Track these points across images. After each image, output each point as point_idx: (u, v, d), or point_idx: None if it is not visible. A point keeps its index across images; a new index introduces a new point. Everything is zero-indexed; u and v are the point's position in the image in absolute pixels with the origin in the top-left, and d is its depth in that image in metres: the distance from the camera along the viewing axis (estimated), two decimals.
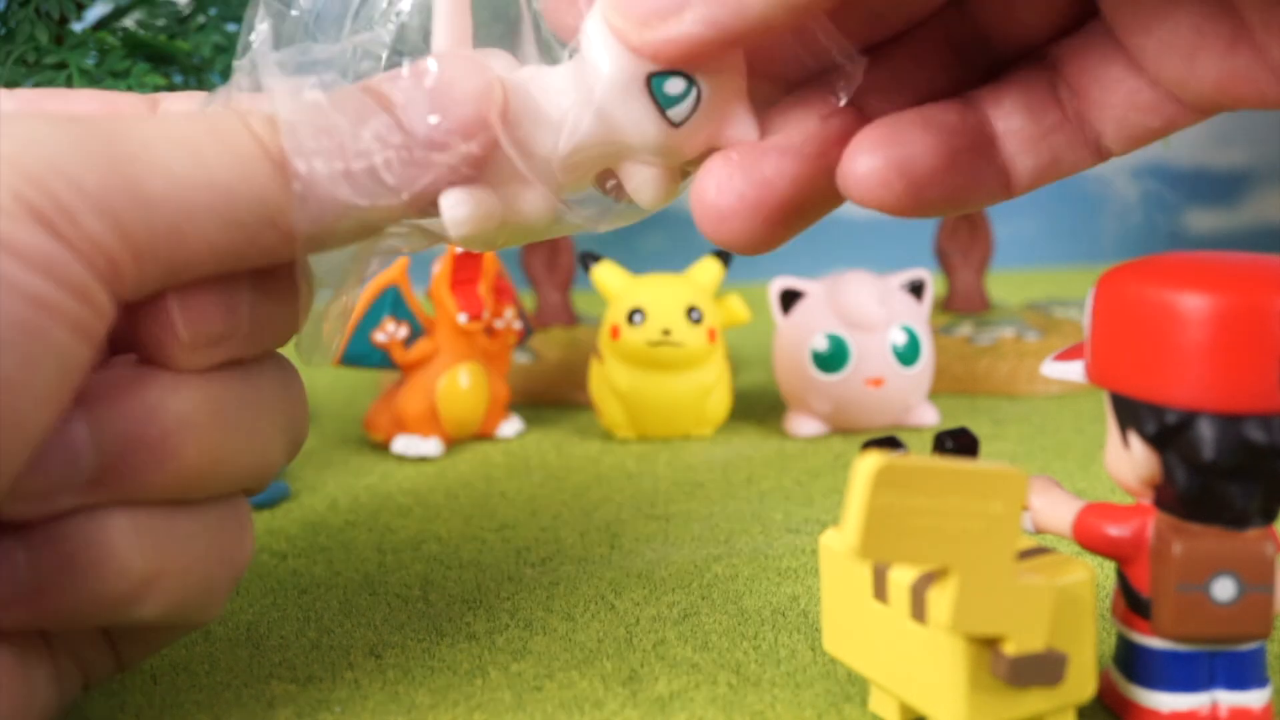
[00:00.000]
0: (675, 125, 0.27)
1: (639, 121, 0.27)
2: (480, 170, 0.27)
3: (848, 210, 0.94)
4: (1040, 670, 0.24)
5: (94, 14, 0.48)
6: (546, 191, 0.28)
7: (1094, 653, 0.26)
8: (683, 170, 0.29)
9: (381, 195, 0.26)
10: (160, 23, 0.48)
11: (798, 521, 0.41)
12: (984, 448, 0.47)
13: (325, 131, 0.25)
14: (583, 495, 0.44)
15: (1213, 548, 0.25)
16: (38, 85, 0.43)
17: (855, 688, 0.29)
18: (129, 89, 0.44)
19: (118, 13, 0.48)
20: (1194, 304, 0.24)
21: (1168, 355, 0.24)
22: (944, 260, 0.62)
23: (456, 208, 0.27)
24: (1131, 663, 0.27)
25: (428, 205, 0.27)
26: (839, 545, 0.27)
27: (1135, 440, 0.25)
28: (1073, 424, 0.50)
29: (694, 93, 0.27)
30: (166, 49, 0.45)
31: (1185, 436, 0.24)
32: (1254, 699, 0.26)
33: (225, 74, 0.47)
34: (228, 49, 0.47)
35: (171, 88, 0.47)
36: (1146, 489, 0.26)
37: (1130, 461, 0.25)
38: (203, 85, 0.48)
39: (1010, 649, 0.24)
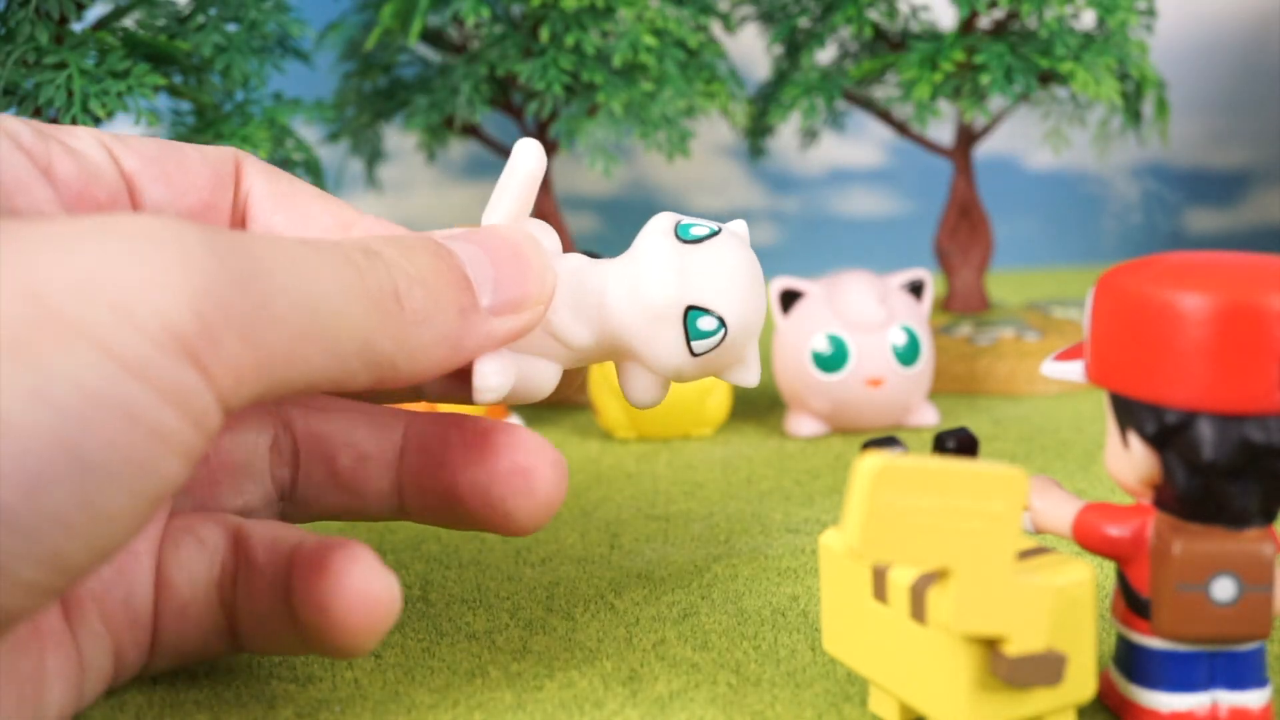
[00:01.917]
0: (694, 356, 0.29)
1: (664, 344, 0.29)
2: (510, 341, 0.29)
3: (848, 210, 0.94)
4: (1040, 670, 0.24)
5: (94, 14, 0.48)
6: (559, 370, 0.30)
7: (1094, 653, 0.26)
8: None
9: (434, 348, 0.28)
10: (160, 23, 0.48)
11: (798, 521, 0.41)
12: (984, 448, 0.47)
13: (413, 279, 0.27)
14: (583, 495, 0.44)
15: (1212, 548, 0.25)
16: (38, 85, 0.43)
17: (855, 688, 0.29)
18: (129, 89, 0.44)
19: (118, 13, 0.48)
20: (1194, 304, 0.24)
21: (1168, 355, 0.24)
22: (944, 260, 0.62)
23: (493, 377, 0.28)
24: (1131, 663, 0.27)
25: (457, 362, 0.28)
26: (839, 545, 0.27)
27: (1135, 440, 0.25)
28: (1073, 424, 0.50)
29: (721, 333, 0.29)
30: (166, 49, 0.45)
31: (1185, 436, 0.24)
32: (1253, 699, 0.26)
33: (225, 74, 0.47)
34: (227, 49, 0.47)
35: (171, 88, 0.47)
36: (1146, 489, 0.26)
37: (1130, 461, 0.25)
38: (202, 85, 0.48)
39: (1010, 649, 0.24)
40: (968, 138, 0.61)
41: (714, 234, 0.30)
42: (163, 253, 0.23)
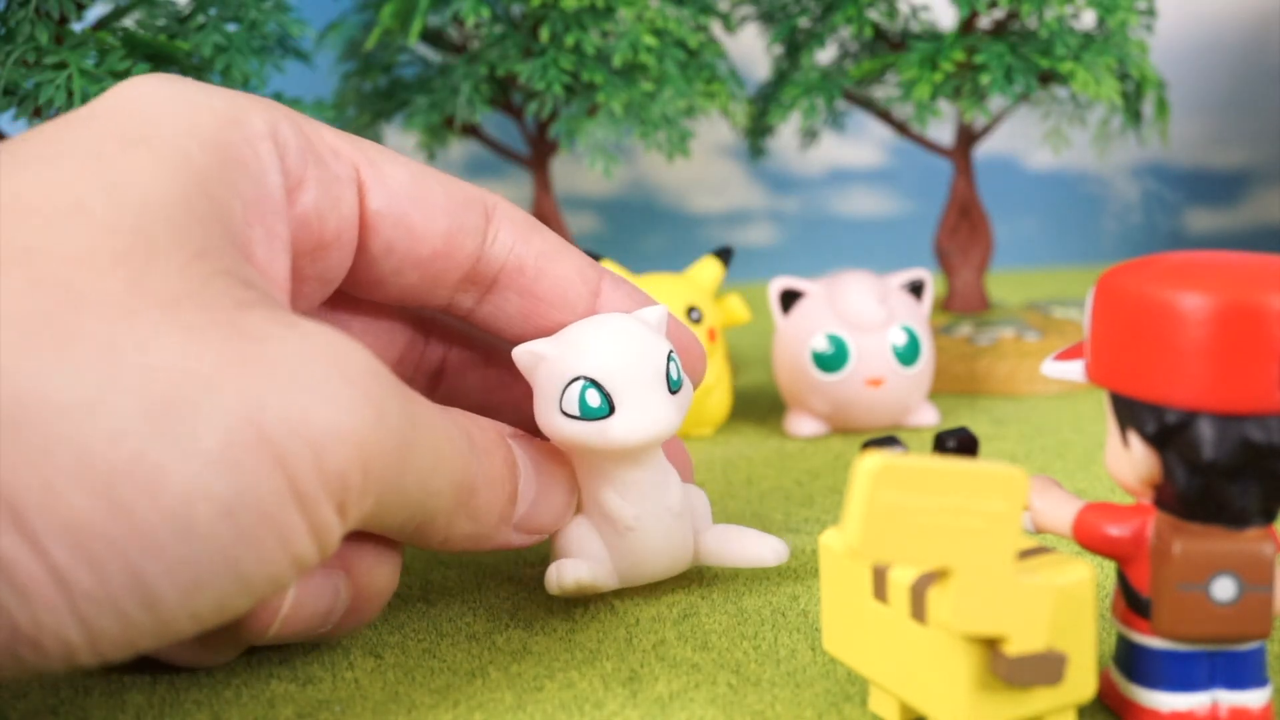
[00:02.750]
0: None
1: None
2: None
3: (848, 210, 0.94)
4: (1040, 670, 0.24)
5: (94, 14, 0.48)
6: (614, 579, 0.33)
7: (1094, 653, 0.26)
8: None
9: (465, 540, 0.30)
10: (160, 23, 0.48)
11: (798, 521, 0.41)
12: (984, 448, 0.47)
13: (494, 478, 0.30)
14: None
15: (1213, 547, 0.25)
16: (38, 85, 0.43)
17: (855, 688, 0.29)
18: None
19: (118, 13, 0.48)
20: (1194, 304, 0.24)
21: (1168, 355, 0.24)
22: (944, 260, 0.62)
23: (569, 582, 0.32)
24: (1131, 662, 0.27)
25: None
26: (839, 545, 0.27)
27: (1135, 440, 0.25)
28: (1073, 424, 0.50)
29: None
30: (166, 49, 0.45)
31: (1185, 436, 0.24)
32: (1254, 699, 0.26)
33: (225, 74, 0.47)
34: (227, 49, 0.47)
35: None
36: (1146, 489, 0.26)
37: (1130, 461, 0.25)
38: None
39: (1010, 649, 0.24)
40: (968, 138, 0.61)
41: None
42: (362, 406, 0.25)
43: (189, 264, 0.25)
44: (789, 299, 0.50)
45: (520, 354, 0.31)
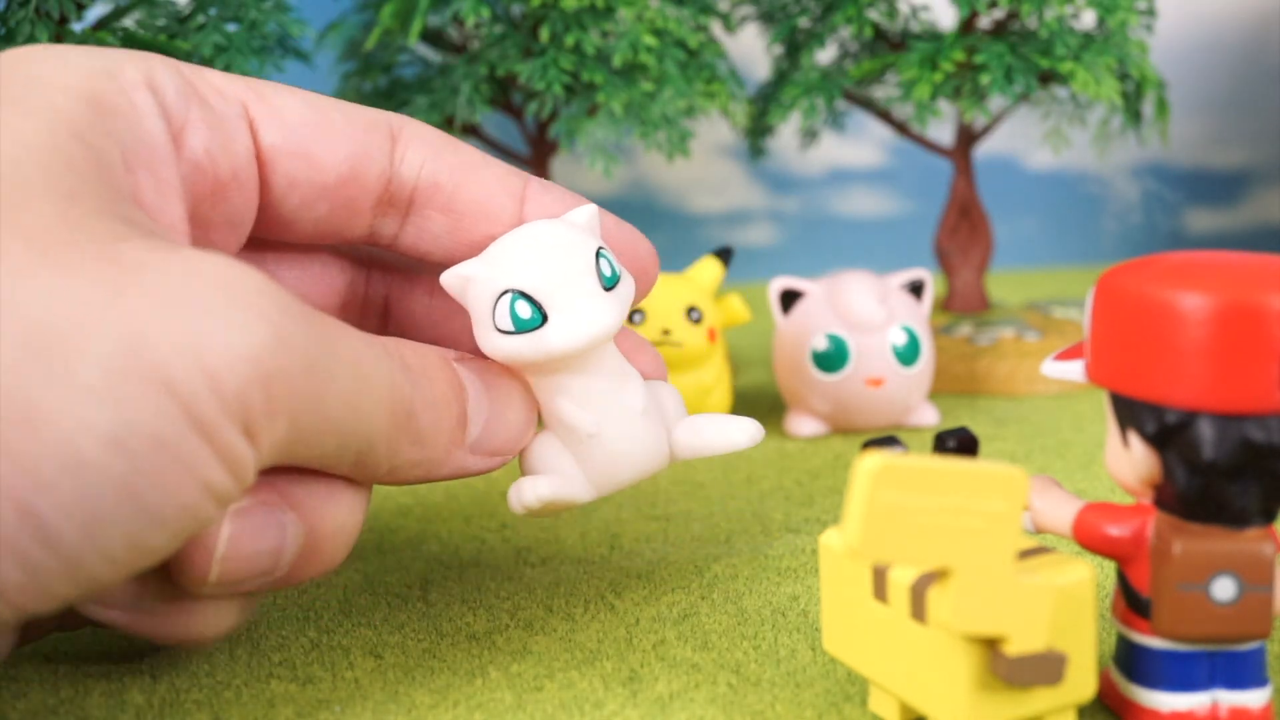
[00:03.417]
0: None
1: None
2: None
3: (848, 210, 0.94)
4: (1040, 670, 0.24)
5: (94, 14, 0.48)
6: (592, 494, 0.32)
7: (1094, 653, 0.26)
8: None
9: (415, 467, 0.29)
10: (160, 23, 0.48)
11: (798, 521, 0.41)
12: (984, 448, 0.47)
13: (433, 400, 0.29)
14: None
15: (1213, 547, 0.25)
16: None
17: (855, 688, 0.29)
18: None
19: (118, 13, 0.48)
20: (1194, 304, 0.24)
21: (1168, 355, 0.24)
22: (944, 260, 0.62)
23: (532, 500, 0.31)
24: (1131, 662, 0.27)
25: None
26: (839, 545, 0.27)
27: (1135, 440, 0.25)
28: (1073, 424, 0.50)
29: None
30: (166, 49, 0.45)
31: (1185, 436, 0.24)
32: (1254, 699, 0.26)
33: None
34: (227, 49, 0.47)
35: None
36: (1146, 489, 0.26)
37: (1130, 461, 0.25)
38: None
39: (1010, 649, 0.24)
40: (968, 138, 0.61)
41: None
42: (257, 326, 0.24)
43: (63, 206, 0.24)
44: (789, 299, 0.50)
45: (448, 279, 0.30)
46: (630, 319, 0.49)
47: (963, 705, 0.25)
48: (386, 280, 0.35)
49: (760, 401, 0.55)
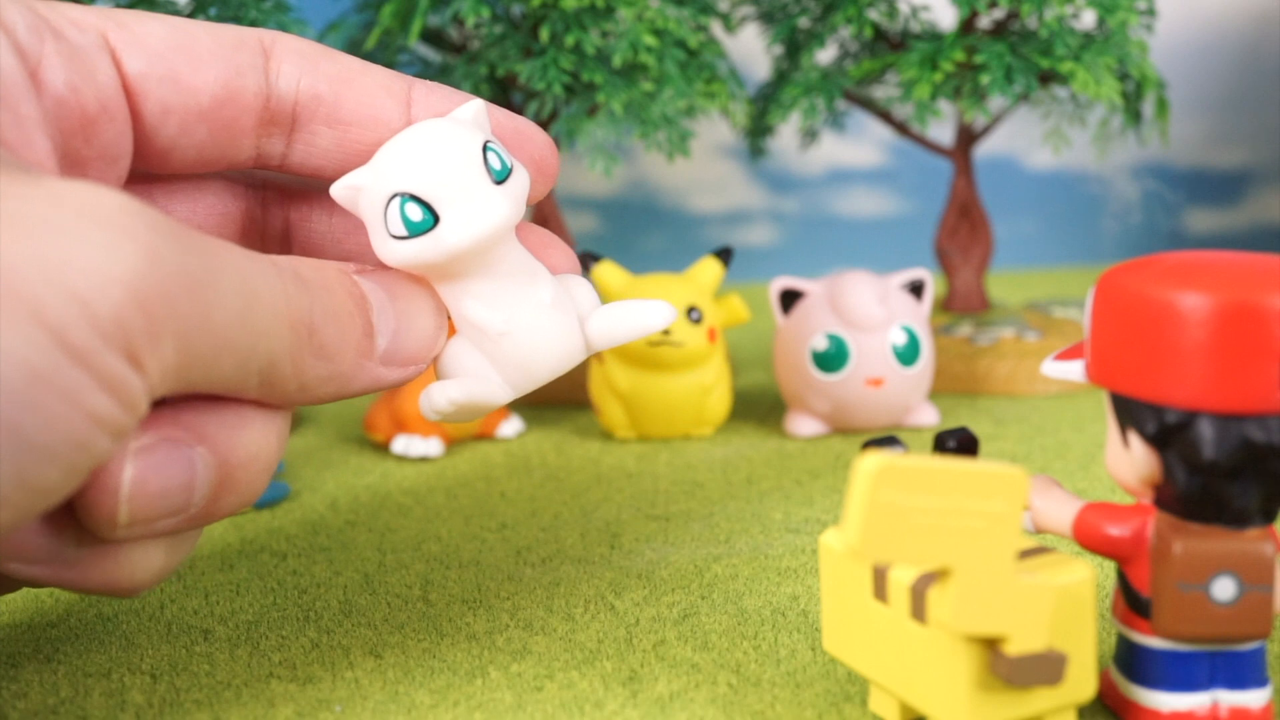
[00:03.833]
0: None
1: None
2: None
3: (848, 210, 0.94)
4: (1040, 670, 0.24)
5: None
6: (508, 395, 0.31)
7: (1094, 653, 0.26)
8: None
9: (326, 383, 0.28)
10: None
11: (798, 521, 0.41)
12: (984, 448, 0.47)
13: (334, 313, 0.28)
14: (583, 495, 0.44)
15: (1213, 547, 0.25)
16: None
17: (855, 688, 0.29)
18: None
19: None
20: (1194, 304, 0.24)
21: (1168, 355, 0.24)
22: (944, 260, 0.62)
23: (443, 402, 0.30)
24: (1132, 662, 0.27)
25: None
26: (839, 545, 0.27)
27: (1135, 440, 0.25)
28: (1073, 424, 0.50)
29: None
30: None
31: (1185, 436, 0.24)
32: (1254, 699, 0.26)
33: None
34: None
35: None
36: (1146, 489, 0.26)
37: (1130, 461, 0.25)
38: None
39: (1011, 649, 0.24)
40: (968, 138, 0.61)
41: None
42: (126, 246, 0.23)
43: None
44: (789, 299, 0.50)
45: (338, 191, 0.30)
46: None
47: (963, 705, 0.25)
48: (284, 204, 0.34)
49: (760, 401, 0.55)
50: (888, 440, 0.28)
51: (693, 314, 0.49)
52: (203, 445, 0.27)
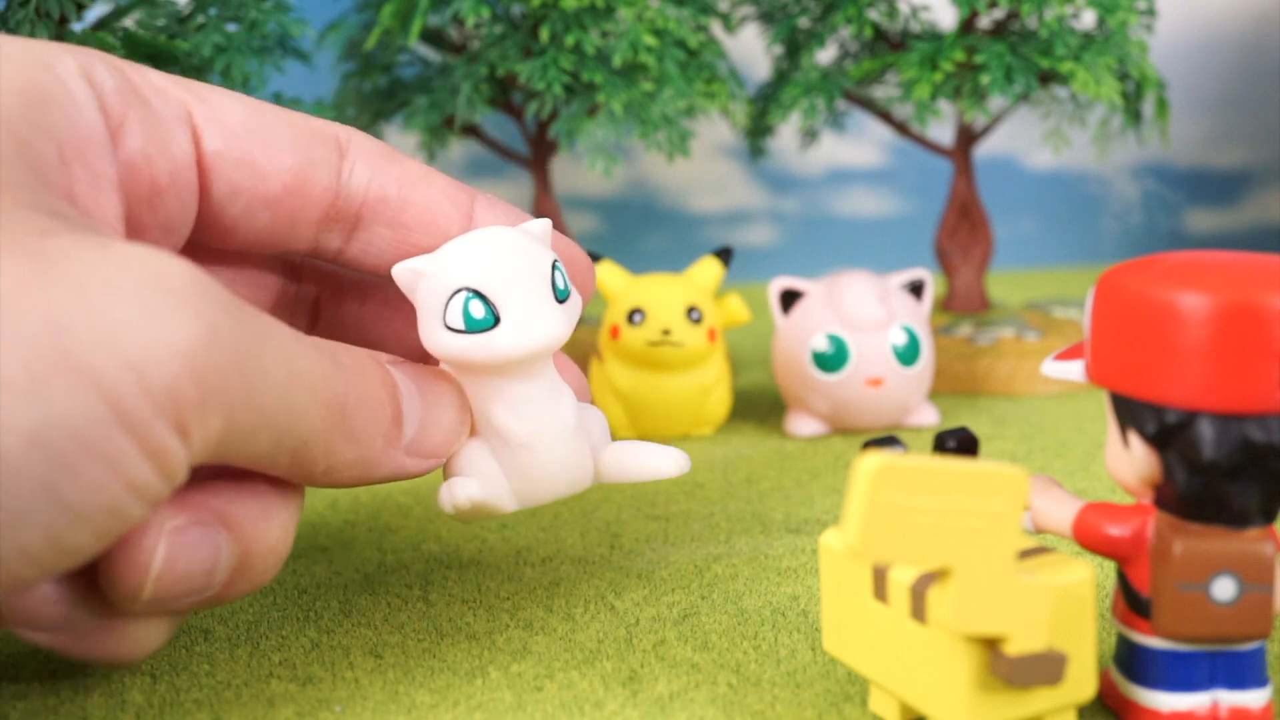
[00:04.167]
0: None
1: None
2: None
3: (848, 210, 0.94)
4: (1040, 670, 0.24)
5: (94, 14, 0.48)
6: (514, 505, 0.32)
7: (1094, 653, 0.26)
8: None
9: (352, 467, 0.29)
10: (160, 23, 0.48)
11: (798, 521, 0.41)
12: (984, 448, 0.47)
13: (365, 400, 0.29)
14: (583, 495, 0.44)
15: (1213, 547, 0.25)
16: None
17: (855, 688, 0.29)
18: None
19: (118, 13, 0.48)
20: (1194, 304, 0.24)
21: (1168, 355, 0.24)
22: (944, 260, 0.62)
23: (463, 499, 0.30)
24: (1132, 662, 0.27)
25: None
26: (839, 545, 0.27)
27: (1135, 440, 0.25)
28: (1073, 424, 0.50)
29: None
30: (166, 49, 0.45)
31: (1185, 436, 0.24)
32: (1254, 699, 0.26)
33: (225, 74, 0.47)
34: (228, 49, 0.47)
35: None
36: (1146, 489, 0.26)
37: (1130, 461, 0.25)
38: None
39: (1010, 649, 0.24)
40: (968, 138, 0.61)
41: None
42: (187, 318, 0.24)
43: None
44: (789, 299, 0.50)
45: (400, 272, 0.30)
46: (630, 319, 0.49)
47: (963, 705, 0.25)
48: (318, 283, 0.35)
49: (760, 401, 0.55)
50: (888, 440, 0.28)
51: (693, 314, 0.49)
52: (229, 532, 0.27)
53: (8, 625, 0.26)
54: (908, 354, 0.48)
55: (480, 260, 0.29)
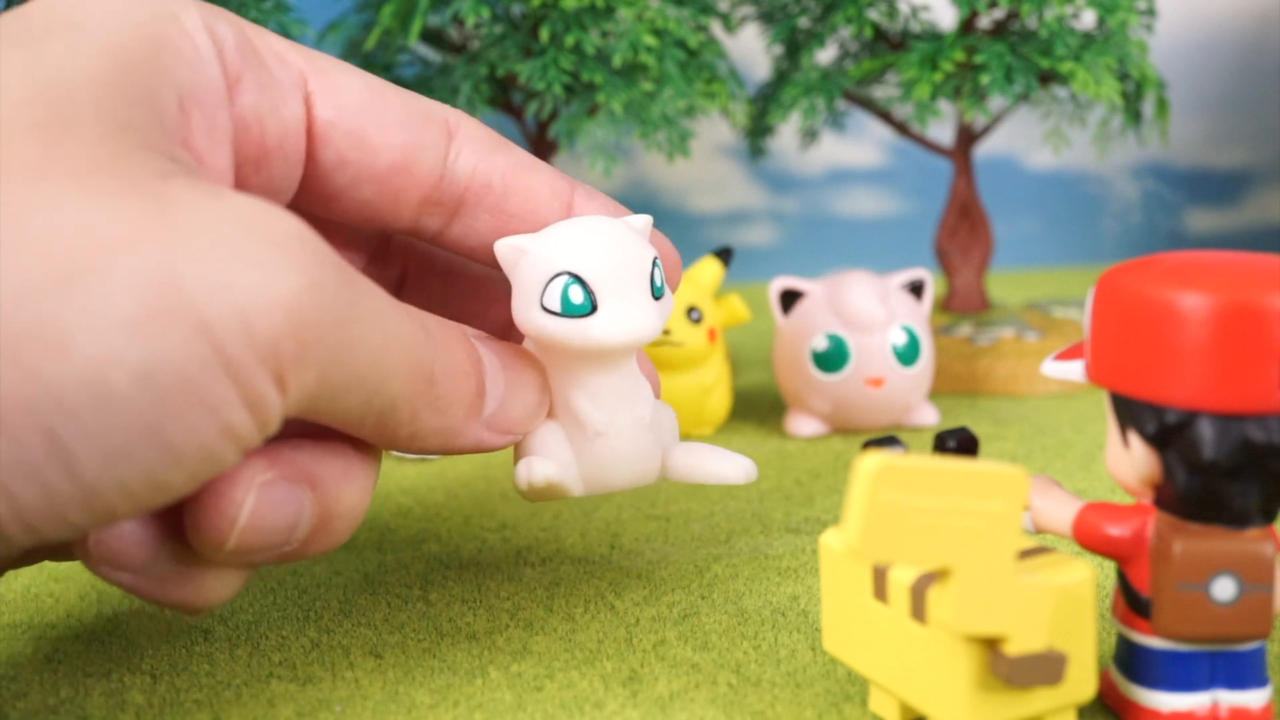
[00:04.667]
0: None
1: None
2: None
3: (848, 210, 0.94)
4: (1040, 670, 0.24)
5: None
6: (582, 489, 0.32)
7: (1094, 653, 0.26)
8: None
9: (433, 435, 0.29)
10: None
11: (798, 521, 0.41)
12: (984, 448, 0.47)
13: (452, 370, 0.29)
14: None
15: (1213, 547, 0.25)
16: None
17: (855, 688, 0.29)
18: None
19: None
20: (1194, 304, 0.24)
21: (1168, 355, 0.24)
22: (944, 260, 0.62)
23: (540, 475, 0.31)
24: (1132, 662, 0.27)
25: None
26: (839, 545, 0.27)
27: (1135, 440, 0.25)
28: (1073, 424, 0.50)
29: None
30: None
31: (1185, 436, 0.24)
32: (1254, 699, 0.26)
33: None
34: None
35: None
36: (1146, 489, 0.26)
37: (1130, 461, 0.25)
38: None
39: (1011, 649, 0.24)
40: (968, 138, 0.61)
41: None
42: (293, 271, 0.24)
43: (109, 136, 0.24)
44: (789, 299, 0.50)
45: (503, 247, 0.30)
46: None
47: (963, 705, 0.25)
48: (404, 258, 0.35)
49: (760, 401, 0.55)
50: (888, 440, 0.28)
51: (693, 314, 0.49)
52: (313, 491, 0.28)
53: (92, 564, 0.27)
54: (908, 354, 0.48)
55: (586, 248, 0.30)
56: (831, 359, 0.48)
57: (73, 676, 0.32)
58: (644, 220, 0.32)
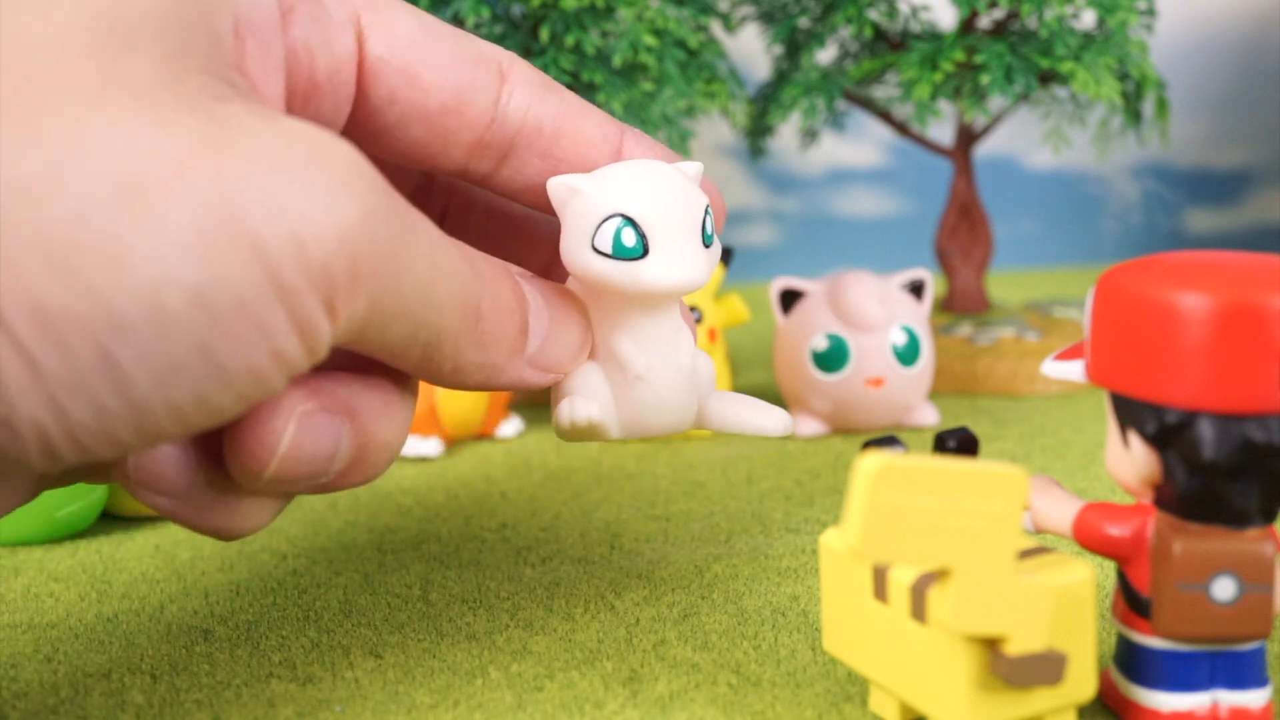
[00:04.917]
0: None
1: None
2: None
3: (848, 210, 0.94)
4: (1040, 670, 0.24)
5: None
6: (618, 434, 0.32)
7: (1094, 653, 0.26)
8: None
9: (476, 371, 0.29)
10: None
11: (798, 521, 0.41)
12: (984, 448, 0.47)
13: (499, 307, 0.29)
14: (583, 495, 0.44)
15: (1213, 547, 0.25)
16: None
17: (855, 688, 0.29)
18: None
19: None
20: (1194, 304, 0.24)
21: (1168, 355, 0.24)
22: (944, 260, 0.62)
23: (581, 415, 0.30)
24: (1132, 662, 0.27)
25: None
26: (839, 545, 0.27)
27: (1135, 440, 0.25)
28: (1073, 424, 0.50)
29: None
30: None
31: (1185, 436, 0.24)
32: (1254, 699, 0.26)
33: None
34: None
35: None
36: (1146, 489, 0.26)
37: (1130, 461, 0.25)
38: None
39: (1011, 649, 0.24)
40: (968, 138, 0.61)
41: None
42: (348, 198, 0.24)
43: (167, 58, 0.24)
44: (789, 299, 0.50)
45: (556, 186, 0.30)
46: None
47: (963, 705, 0.25)
48: (447, 196, 0.35)
49: None
50: (888, 440, 0.28)
51: (693, 314, 0.49)
52: (352, 424, 0.28)
53: (132, 487, 0.27)
54: (908, 354, 0.48)
55: (640, 191, 0.30)
56: (831, 359, 0.48)
57: (73, 676, 0.32)
58: (696, 167, 0.32)
